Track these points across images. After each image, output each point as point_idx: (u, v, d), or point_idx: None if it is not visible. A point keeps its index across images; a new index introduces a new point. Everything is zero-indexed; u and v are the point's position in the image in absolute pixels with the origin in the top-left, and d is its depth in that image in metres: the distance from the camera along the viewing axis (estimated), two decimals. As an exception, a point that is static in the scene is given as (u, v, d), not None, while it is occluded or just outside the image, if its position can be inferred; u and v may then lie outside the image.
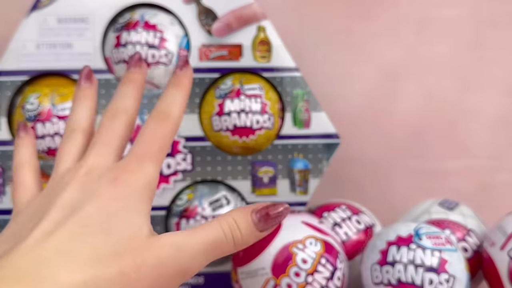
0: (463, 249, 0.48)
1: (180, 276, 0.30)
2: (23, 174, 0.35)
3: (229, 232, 0.31)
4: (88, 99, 0.37)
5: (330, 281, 0.42)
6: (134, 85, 0.36)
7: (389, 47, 0.66)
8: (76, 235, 0.28)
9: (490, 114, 0.66)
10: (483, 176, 0.66)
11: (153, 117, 0.33)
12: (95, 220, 0.29)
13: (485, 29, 0.66)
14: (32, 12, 0.49)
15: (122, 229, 0.29)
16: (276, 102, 0.50)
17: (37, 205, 0.31)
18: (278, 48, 0.50)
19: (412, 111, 0.66)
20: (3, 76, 0.49)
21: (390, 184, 0.65)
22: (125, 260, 0.28)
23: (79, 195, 0.30)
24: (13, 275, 0.26)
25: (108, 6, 0.50)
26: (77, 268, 0.27)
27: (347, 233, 0.48)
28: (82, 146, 0.35)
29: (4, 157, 0.48)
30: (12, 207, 0.48)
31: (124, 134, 0.34)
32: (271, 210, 0.32)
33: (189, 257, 0.30)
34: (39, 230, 0.28)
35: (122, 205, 0.30)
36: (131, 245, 0.29)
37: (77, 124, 0.35)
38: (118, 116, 0.34)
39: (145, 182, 0.31)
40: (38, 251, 0.27)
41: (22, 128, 0.38)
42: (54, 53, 0.49)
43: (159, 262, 0.29)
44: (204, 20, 0.50)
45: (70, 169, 0.33)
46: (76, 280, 0.26)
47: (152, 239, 0.29)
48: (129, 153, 0.32)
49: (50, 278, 0.26)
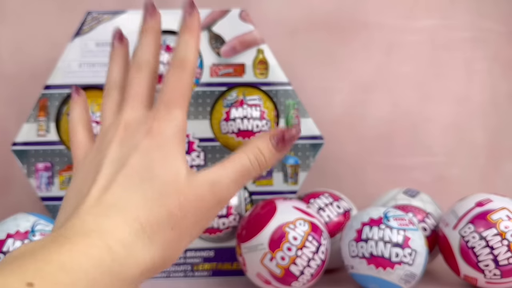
0: (423, 229, 0.48)
1: (217, 206, 0.29)
2: (78, 132, 0.33)
3: (254, 159, 0.29)
4: (121, 57, 0.34)
5: (315, 255, 0.42)
6: (152, 34, 0.32)
7: (363, 66, 0.66)
8: (126, 186, 0.27)
9: (444, 120, 0.66)
10: (439, 170, 0.66)
11: (172, 66, 0.30)
12: (140, 170, 0.27)
13: (441, 52, 0.66)
14: (75, 38, 0.49)
15: (163, 173, 0.27)
16: (272, 110, 0.50)
17: (91, 161, 0.30)
18: (274, 66, 0.50)
19: (381, 117, 0.66)
20: (52, 89, 0.49)
21: (364, 176, 0.65)
22: (170, 200, 0.27)
23: (122, 150, 0.28)
24: (81, 229, 0.25)
25: (136, 33, 0.49)
26: (132, 215, 0.26)
27: (329, 215, 0.48)
28: (120, 101, 0.32)
29: (53, 155, 0.48)
30: (54, 195, 0.48)
31: (150, 84, 0.31)
32: (286, 133, 0.30)
33: (224, 188, 0.28)
34: (96, 187, 0.27)
35: (160, 152, 0.28)
36: (173, 186, 0.27)
37: (114, 81, 0.33)
38: (143, 69, 0.31)
39: (176, 128, 0.29)
40: (99, 204, 0.26)
41: (74, 90, 0.35)
42: (93, 71, 0.49)
43: (199, 197, 0.28)
44: (214, 44, 0.50)
45: (111, 124, 0.31)
46: (135, 226, 0.25)
47: (190, 178, 0.28)
48: (157, 103, 0.30)
49: (112, 226, 0.25)
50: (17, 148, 0.48)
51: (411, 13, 0.66)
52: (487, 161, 0.67)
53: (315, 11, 0.65)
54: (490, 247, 0.42)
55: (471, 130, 0.66)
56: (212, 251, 0.49)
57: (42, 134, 0.48)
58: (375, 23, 0.65)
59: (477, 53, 0.66)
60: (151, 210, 0.26)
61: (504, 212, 0.42)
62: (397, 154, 0.66)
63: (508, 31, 0.67)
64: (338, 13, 0.65)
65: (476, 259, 0.42)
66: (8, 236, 0.40)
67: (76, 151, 0.32)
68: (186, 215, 0.27)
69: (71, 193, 0.29)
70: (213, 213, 0.29)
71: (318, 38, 0.65)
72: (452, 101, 0.66)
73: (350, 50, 0.65)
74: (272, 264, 0.41)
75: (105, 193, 0.27)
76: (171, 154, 0.28)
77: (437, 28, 0.66)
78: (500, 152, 0.67)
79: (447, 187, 0.65)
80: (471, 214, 0.43)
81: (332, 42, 0.65)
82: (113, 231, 0.25)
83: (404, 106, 0.66)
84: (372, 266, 0.41)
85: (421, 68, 0.66)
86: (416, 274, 0.41)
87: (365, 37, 0.65)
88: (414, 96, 0.66)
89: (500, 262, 0.41)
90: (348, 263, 0.43)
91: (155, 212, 0.26)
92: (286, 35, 0.64)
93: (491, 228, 0.42)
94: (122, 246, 0.24)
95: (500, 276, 0.42)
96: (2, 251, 0.40)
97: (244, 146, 0.30)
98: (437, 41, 0.66)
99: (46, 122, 0.48)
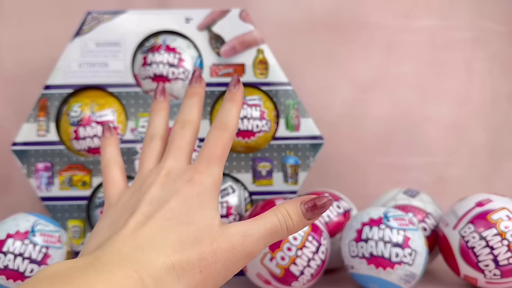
0: (423, 229, 0.48)
1: (246, 258, 0.29)
2: (113, 172, 0.35)
3: (283, 221, 0.30)
4: (163, 111, 0.37)
5: (315, 255, 0.42)
6: (197, 98, 0.36)
7: (363, 66, 0.66)
8: (164, 226, 0.28)
9: (444, 120, 0.66)
10: (439, 170, 0.66)
11: (215, 127, 0.33)
12: (178, 213, 0.29)
13: (441, 52, 0.66)
14: (75, 38, 0.49)
15: (199, 220, 0.29)
16: (272, 110, 0.50)
17: (127, 199, 0.31)
18: (273, 66, 0.50)
19: (381, 117, 0.66)
20: (52, 89, 0.49)
21: (364, 176, 0.65)
22: (204, 246, 0.28)
23: (163, 193, 0.30)
24: (117, 258, 0.26)
25: (137, 33, 0.50)
26: (167, 253, 0.27)
27: (329, 215, 0.48)
28: (160, 150, 0.35)
29: (53, 155, 0.48)
30: (54, 195, 0.48)
31: (192, 140, 0.34)
32: (317, 201, 0.31)
33: (253, 242, 0.29)
34: (133, 220, 0.28)
35: (198, 200, 0.30)
36: (208, 233, 0.28)
37: (156, 132, 0.35)
38: (187, 126, 0.34)
39: (213, 182, 0.31)
40: (135, 238, 0.27)
41: (106, 129, 0.37)
42: (93, 71, 0.49)
43: (230, 247, 0.29)
44: (214, 44, 0.50)
45: (152, 170, 0.33)
46: (167, 264, 0.26)
47: (223, 227, 0.29)
48: (198, 157, 0.32)
49: (146, 261, 0.26)
50: (17, 148, 0.48)
51: (411, 13, 0.66)
52: (487, 161, 0.67)
53: (315, 11, 0.65)
54: (490, 247, 0.42)
55: (471, 130, 0.66)
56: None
57: (42, 134, 0.48)
58: (375, 23, 0.65)
59: (477, 53, 0.66)
60: (184, 251, 0.27)
61: (504, 212, 0.42)
62: (397, 154, 0.66)
63: (508, 31, 0.67)
64: (338, 13, 0.65)
65: (476, 259, 0.42)
66: (8, 236, 0.40)
67: (111, 190, 0.34)
68: (216, 262, 0.28)
69: (104, 224, 0.30)
70: (240, 265, 0.29)
71: (318, 38, 0.65)
72: (452, 101, 0.66)
73: (350, 50, 0.65)
74: (272, 264, 0.41)
75: (142, 228, 0.28)
76: (208, 204, 0.30)
77: (437, 28, 0.66)
78: (500, 152, 0.67)
79: (447, 187, 0.65)
80: (471, 214, 0.43)
81: (332, 42, 0.65)
82: (147, 265, 0.26)
83: (404, 106, 0.66)
84: (372, 266, 0.41)
85: (421, 68, 0.66)
86: (416, 274, 0.41)
87: (365, 37, 0.65)
88: (414, 96, 0.66)
89: (500, 262, 0.41)
90: (348, 263, 0.43)
91: (187, 254, 0.27)
92: (286, 35, 0.64)
93: (491, 228, 0.42)
94: (153, 281, 0.25)
95: (500, 276, 0.42)
96: (2, 251, 0.40)
97: (275, 207, 0.31)
98: (437, 41, 0.66)
99: (46, 122, 0.48)
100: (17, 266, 0.40)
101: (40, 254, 0.40)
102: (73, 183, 0.48)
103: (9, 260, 0.40)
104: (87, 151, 0.48)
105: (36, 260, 0.40)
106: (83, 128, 0.48)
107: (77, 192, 0.48)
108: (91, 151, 0.48)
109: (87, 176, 0.48)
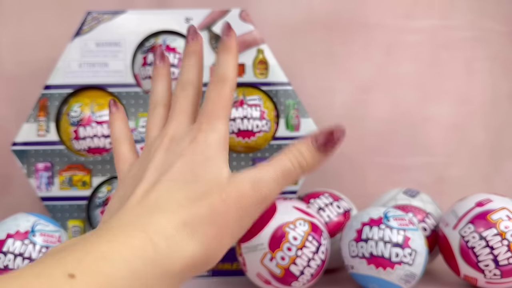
0: (423, 229, 0.48)
1: (260, 204, 0.29)
2: (122, 147, 0.34)
3: (295, 160, 0.30)
4: (164, 76, 0.36)
5: (315, 255, 0.42)
6: (195, 57, 0.34)
7: (363, 66, 0.66)
8: (169, 187, 0.28)
9: (444, 120, 0.66)
10: (439, 170, 0.66)
11: (213, 82, 0.32)
12: (184, 173, 0.28)
13: (441, 52, 0.66)
14: (75, 38, 0.49)
15: (206, 174, 0.28)
16: (272, 110, 0.50)
17: (136, 170, 0.31)
18: (273, 66, 0.50)
19: (381, 118, 0.66)
20: (52, 89, 0.49)
21: (364, 176, 0.65)
22: (212, 198, 0.28)
23: (167, 157, 0.30)
24: (124, 223, 0.26)
25: (137, 33, 0.50)
26: (174, 212, 0.27)
27: (329, 215, 0.48)
28: (164, 116, 0.34)
29: (53, 155, 0.48)
30: (54, 195, 0.48)
31: (194, 101, 0.33)
32: (330, 135, 0.31)
33: (264, 185, 0.29)
34: (140, 189, 0.28)
35: (203, 157, 0.29)
36: (216, 184, 0.28)
37: (158, 99, 0.35)
38: (186, 88, 0.33)
39: (218, 137, 0.30)
40: (142, 205, 0.27)
41: (112, 104, 0.36)
42: (93, 71, 0.49)
43: (240, 194, 0.28)
44: (214, 44, 0.50)
45: (156, 137, 0.32)
46: (176, 221, 0.26)
47: (232, 177, 0.29)
48: (200, 115, 0.31)
49: (154, 222, 0.26)
50: (17, 148, 0.48)
51: (411, 13, 0.66)
52: (487, 161, 0.67)
53: (315, 11, 0.65)
54: (490, 247, 0.42)
55: (471, 130, 0.66)
56: (212, 251, 0.49)
57: (42, 134, 0.48)
58: (375, 23, 0.65)
59: (477, 53, 0.66)
60: (193, 207, 0.27)
61: (504, 212, 0.42)
62: (397, 154, 0.66)
63: (509, 31, 0.67)
64: (338, 13, 0.65)
65: (476, 259, 0.42)
66: (8, 236, 0.40)
67: (121, 165, 0.34)
68: (227, 211, 0.28)
69: (116, 199, 0.30)
70: (255, 211, 0.29)
71: (318, 38, 0.65)
72: (453, 101, 0.66)
73: (350, 50, 0.65)
74: (272, 264, 0.41)
75: (149, 195, 0.28)
76: (214, 158, 0.29)
77: (437, 28, 0.66)
78: (500, 152, 0.67)
79: (447, 187, 0.65)
80: (471, 214, 0.43)
81: (332, 42, 0.65)
82: (154, 225, 0.25)
83: (404, 106, 0.66)
84: (372, 266, 0.41)
85: (421, 68, 0.66)
86: (416, 274, 0.41)
87: (365, 37, 0.65)
88: (414, 96, 0.66)
89: (500, 262, 0.41)
90: (348, 263, 0.43)
91: (197, 209, 0.27)
92: (286, 35, 0.64)
93: (491, 228, 0.42)
94: (164, 239, 0.25)
95: (500, 276, 0.42)
96: (2, 251, 0.40)
97: (287, 149, 0.31)
98: (437, 41, 0.66)
99: (46, 122, 0.48)
100: (17, 266, 0.40)
101: (40, 254, 0.40)
102: (73, 183, 0.48)
103: (9, 260, 0.40)
104: (87, 151, 0.48)
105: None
106: (83, 128, 0.48)
107: (77, 192, 0.48)
108: (91, 151, 0.48)
109: (87, 176, 0.48)
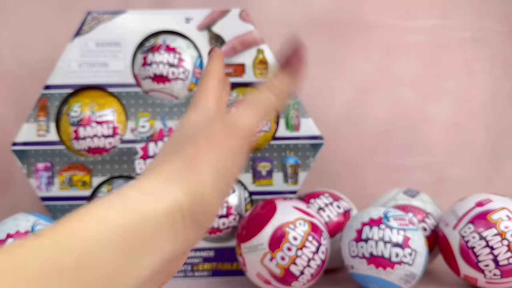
0: (423, 229, 0.48)
1: (246, 138, 0.28)
2: (208, 80, 0.32)
3: (267, 91, 0.30)
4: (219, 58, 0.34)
5: (315, 255, 0.42)
6: None
7: (363, 66, 0.66)
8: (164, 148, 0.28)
9: (444, 120, 0.66)
10: (438, 170, 0.66)
11: None
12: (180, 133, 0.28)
13: (441, 52, 0.66)
14: (75, 38, 0.49)
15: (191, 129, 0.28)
16: (272, 110, 0.50)
17: (191, 127, 0.29)
18: (273, 66, 0.50)
19: (381, 117, 0.66)
20: (52, 89, 0.49)
21: (363, 176, 0.65)
22: (187, 153, 0.26)
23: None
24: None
25: (137, 33, 0.50)
26: (157, 168, 0.26)
27: (329, 215, 0.48)
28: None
29: (53, 155, 0.48)
30: (54, 195, 0.48)
31: None
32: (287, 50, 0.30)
33: (245, 128, 0.28)
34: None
35: None
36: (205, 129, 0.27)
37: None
38: None
39: None
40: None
41: (214, 49, 0.35)
42: (93, 71, 0.49)
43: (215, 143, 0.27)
44: (214, 44, 0.50)
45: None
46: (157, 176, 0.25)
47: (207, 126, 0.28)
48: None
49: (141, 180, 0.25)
50: (17, 148, 0.48)
51: (411, 13, 0.66)
52: (487, 161, 0.67)
53: (315, 11, 0.65)
54: (490, 247, 0.42)
55: (471, 130, 0.66)
56: (212, 251, 0.49)
57: (42, 134, 0.48)
58: (375, 23, 0.65)
59: (477, 53, 0.66)
60: (171, 159, 0.26)
61: (504, 212, 0.42)
62: (397, 154, 0.66)
63: (509, 31, 0.67)
64: (338, 13, 0.65)
65: (476, 259, 0.42)
66: (8, 236, 0.40)
67: (199, 96, 0.32)
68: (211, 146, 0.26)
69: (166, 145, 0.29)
70: (236, 145, 0.27)
71: (318, 38, 0.65)
72: (453, 101, 0.66)
73: (350, 50, 0.65)
74: (272, 264, 0.41)
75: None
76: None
77: (437, 28, 0.66)
78: (500, 152, 0.67)
79: (447, 187, 0.65)
80: (471, 214, 0.43)
81: (332, 42, 0.65)
82: (141, 182, 0.24)
83: (404, 106, 0.66)
84: (372, 266, 0.41)
85: (421, 68, 0.66)
86: (416, 274, 0.41)
87: (365, 37, 0.65)
88: (414, 96, 0.66)
89: (500, 262, 0.41)
90: (348, 263, 0.43)
91: (175, 163, 0.26)
92: (285, 34, 0.64)
93: (491, 228, 0.42)
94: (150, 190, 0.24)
95: (500, 276, 0.42)
96: (2, 251, 0.40)
97: (258, 85, 0.30)
98: (437, 41, 0.66)
99: (46, 122, 0.48)
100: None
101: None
102: (73, 183, 0.48)
103: (9, 260, 0.40)
104: (87, 151, 0.48)
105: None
106: (83, 128, 0.48)
107: (77, 192, 0.48)
108: (91, 151, 0.48)
109: (87, 176, 0.48)
